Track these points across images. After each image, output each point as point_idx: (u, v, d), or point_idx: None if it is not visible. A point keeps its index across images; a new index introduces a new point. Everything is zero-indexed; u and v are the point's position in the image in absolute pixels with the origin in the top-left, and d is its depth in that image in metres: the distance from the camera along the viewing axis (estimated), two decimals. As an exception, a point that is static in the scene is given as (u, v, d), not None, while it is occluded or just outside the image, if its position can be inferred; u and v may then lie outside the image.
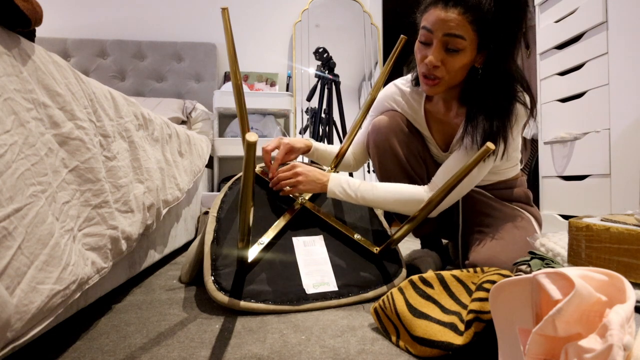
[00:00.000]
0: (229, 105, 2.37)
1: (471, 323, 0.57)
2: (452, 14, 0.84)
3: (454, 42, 0.86)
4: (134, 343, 0.66)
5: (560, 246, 0.90)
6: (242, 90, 0.84)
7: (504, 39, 0.86)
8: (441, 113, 1.04)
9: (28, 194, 0.48)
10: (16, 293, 0.44)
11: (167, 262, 1.36)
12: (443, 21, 0.85)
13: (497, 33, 0.85)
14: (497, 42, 0.86)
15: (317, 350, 0.63)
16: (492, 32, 0.85)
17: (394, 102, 1.10)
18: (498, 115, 0.91)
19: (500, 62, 0.89)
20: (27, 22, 0.55)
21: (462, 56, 0.87)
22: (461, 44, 0.86)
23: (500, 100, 0.91)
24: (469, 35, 0.85)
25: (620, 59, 1.52)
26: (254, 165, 0.60)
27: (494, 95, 0.91)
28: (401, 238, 0.95)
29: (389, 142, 1.06)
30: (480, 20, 0.83)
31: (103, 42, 2.56)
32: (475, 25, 0.84)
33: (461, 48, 0.86)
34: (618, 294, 0.39)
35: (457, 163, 0.95)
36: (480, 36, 0.85)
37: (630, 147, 1.48)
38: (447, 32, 0.85)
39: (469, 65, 0.90)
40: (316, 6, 2.78)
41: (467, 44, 0.85)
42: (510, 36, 0.87)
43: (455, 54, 0.87)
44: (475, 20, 0.83)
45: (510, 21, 0.85)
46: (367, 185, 0.98)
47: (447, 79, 0.91)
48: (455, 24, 0.84)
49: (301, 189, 0.97)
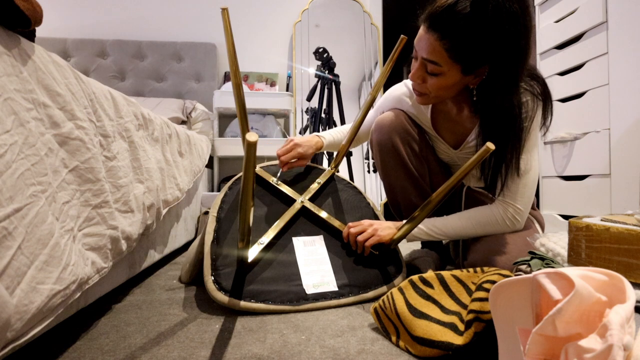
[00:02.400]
0: (229, 105, 2.37)
1: (471, 323, 0.57)
2: (430, 38, 0.82)
3: (430, 66, 0.85)
4: (134, 343, 0.66)
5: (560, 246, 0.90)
6: (242, 90, 0.84)
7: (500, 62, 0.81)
8: (453, 113, 1.03)
9: (28, 194, 0.48)
10: (16, 293, 0.44)
11: (167, 262, 1.36)
12: (422, 44, 0.84)
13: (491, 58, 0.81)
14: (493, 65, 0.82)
15: (317, 350, 0.63)
16: (482, 57, 0.81)
17: (398, 104, 1.10)
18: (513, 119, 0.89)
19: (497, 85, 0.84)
20: (27, 22, 0.55)
21: (440, 79, 0.86)
22: (437, 69, 0.84)
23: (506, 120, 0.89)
24: (445, 62, 0.82)
25: (620, 59, 1.52)
26: (254, 165, 0.60)
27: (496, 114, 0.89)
28: (401, 238, 0.95)
29: (391, 141, 1.06)
30: (457, 48, 0.80)
31: (103, 42, 2.56)
32: (452, 52, 0.80)
33: (438, 72, 0.85)
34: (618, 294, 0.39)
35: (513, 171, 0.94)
36: (462, 62, 0.82)
37: (630, 147, 1.48)
38: (423, 56, 0.85)
39: (456, 85, 0.87)
40: (316, 6, 2.78)
41: (445, 69, 0.83)
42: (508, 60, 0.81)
43: (434, 76, 0.86)
44: (451, 48, 0.80)
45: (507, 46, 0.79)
46: (440, 220, 0.99)
47: (433, 95, 0.91)
48: (430, 50, 0.82)
49: (380, 234, 0.97)
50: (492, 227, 0.97)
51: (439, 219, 0.99)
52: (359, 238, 0.97)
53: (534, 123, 0.92)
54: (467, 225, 0.97)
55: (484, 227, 0.97)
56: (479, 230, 0.97)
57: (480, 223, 0.97)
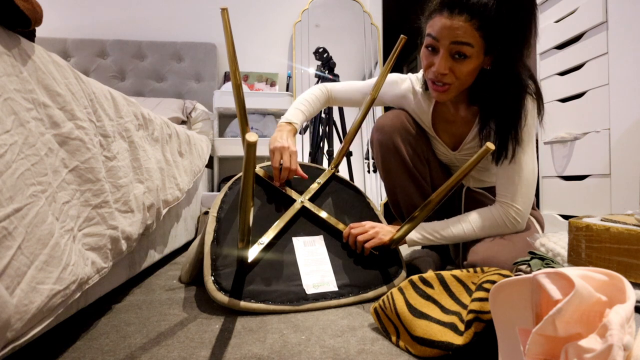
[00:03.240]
0: (229, 105, 2.37)
1: (471, 323, 0.57)
2: (458, 22, 0.82)
3: (462, 49, 0.85)
4: (134, 343, 0.66)
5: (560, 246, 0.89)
6: (242, 90, 0.84)
7: (512, 41, 0.85)
8: (450, 113, 1.04)
9: (28, 194, 0.48)
10: (16, 293, 0.44)
11: (167, 262, 1.36)
12: (449, 29, 0.84)
13: (505, 36, 0.83)
14: (505, 44, 0.85)
15: (317, 350, 0.63)
16: (499, 35, 0.83)
17: (404, 100, 1.10)
18: (512, 116, 0.91)
19: (509, 64, 0.88)
20: (27, 22, 0.55)
21: (469, 62, 0.86)
22: (469, 51, 0.85)
23: (509, 102, 0.90)
24: (476, 42, 0.84)
25: (620, 59, 1.52)
26: (254, 165, 0.60)
27: (504, 96, 0.90)
28: (401, 238, 0.95)
29: (392, 141, 1.06)
30: (486, 26, 0.82)
31: (103, 42, 2.56)
32: (481, 31, 0.83)
33: (469, 55, 0.85)
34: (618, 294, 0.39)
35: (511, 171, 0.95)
36: (487, 41, 0.84)
37: (631, 147, 1.48)
38: (454, 40, 0.84)
39: (477, 68, 0.89)
40: (316, 6, 2.78)
41: (475, 50, 0.85)
42: (518, 38, 0.85)
43: (462, 60, 0.86)
44: (481, 27, 0.82)
45: (517, 24, 0.83)
46: (440, 224, 0.99)
47: (457, 85, 0.90)
48: (462, 32, 0.83)
49: (382, 237, 0.97)
50: (494, 229, 0.97)
51: (439, 223, 0.99)
52: (359, 239, 0.97)
53: (529, 120, 0.93)
54: (468, 228, 0.97)
55: (485, 229, 0.97)
56: (480, 233, 0.97)
57: (481, 226, 0.97)
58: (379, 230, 0.98)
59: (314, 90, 1.17)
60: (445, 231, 0.98)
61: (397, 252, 1.04)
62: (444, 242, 1.00)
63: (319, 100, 1.17)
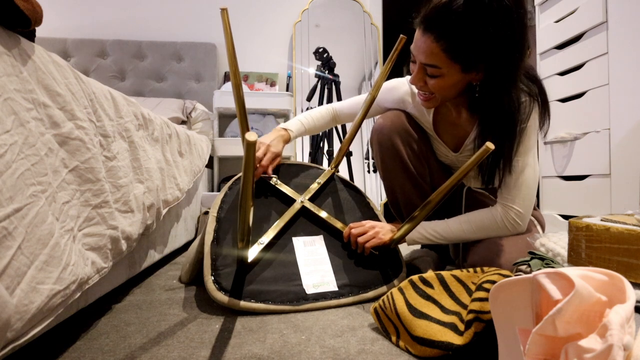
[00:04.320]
0: (229, 105, 2.37)
1: (471, 323, 0.57)
2: (427, 41, 0.81)
3: (430, 69, 0.85)
4: (134, 343, 0.66)
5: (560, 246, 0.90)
6: (241, 91, 0.84)
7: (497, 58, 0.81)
8: (452, 116, 1.03)
9: (28, 194, 0.48)
10: (16, 293, 0.44)
11: (167, 262, 1.36)
12: (419, 47, 0.84)
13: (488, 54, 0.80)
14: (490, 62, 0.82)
15: (317, 350, 0.63)
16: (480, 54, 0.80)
17: (401, 104, 1.10)
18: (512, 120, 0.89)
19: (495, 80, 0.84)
20: (27, 22, 0.55)
21: (442, 79, 0.85)
22: (437, 71, 0.84)
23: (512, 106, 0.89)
24: (443, 63, 0.82)
25: (620, 59, 1.52)
26: (254, 165, 0.60)
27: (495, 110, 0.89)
28: (401, 238, 0.95)
29: (391, 142, 1.06)
30: (455, 47, 0.80)
31: (103, 42, 2.56)
32: (449, 52, 0.80)
33: (438, 75, 0.85)
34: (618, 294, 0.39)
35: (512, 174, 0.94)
36: (460, 60, 0.82)
37: (631, 147, 1.48)
38: (421, 60, 0.85)
39: (458, 84, 0.87)
40: (316, 6, 2.78)
41: (444, 70, 0.83)
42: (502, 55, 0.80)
43: (434, 78, 0.86)
44: (448, 48, 0.80)
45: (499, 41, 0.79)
46: (441, 223, 0.99)
47: (440, 96, 0.90)
48: (428, 53, 0.82)
49: (382, 237, 0.97)
50: (493, 231, 0.97)
51: (439, 223, 0.99)
52: (359, 239, 0.97)
53: (530, 122, 0.92)
54: (468, 229, 0.97)
55: (485, 230, 0.97)
56: (479, 234, 0.97)
57: (481, 227, 0.97)
58: (379, 230, 0.98)
59: (320, 109, 1.21)
60: (445, 231, 0.98)
61: (397, 252, 1.04)
62: (443, 242, 1.00)
63: (323, 117, 1.19)
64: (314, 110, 1.20)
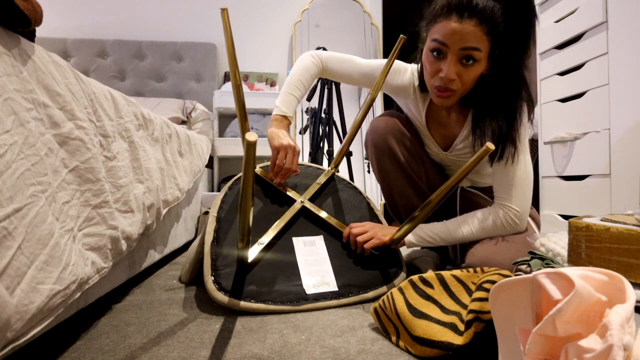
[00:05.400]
0: (229, 105, 2.37)
1: (471, 323, 0.57)
2: (468, 26, 0.82)
3: (472, 54, 0.85)
4: (134, 343, 0.66)
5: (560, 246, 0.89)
6: (241, 91, 0.84)
7: (516, 46, 0.86)
8: (442, 116, 1.04)
9: (28, 194, 0.48)
10: (16, 293, 0.44)
11: (167, 262, 1.36)
12: (460, 34, 0.83)
13: (510, 41, 0.85)
14: (510, 49, 0.86)
15: (317, 350, 0.63)
16: (505, 40, 0.84)
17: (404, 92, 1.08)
18: (507, 118, 0.91)
19: (512, 68, 0.88)
20: (27, 22, 0.55)
21: (477, 67, 0.87)
22: (478, 55, 0.85)
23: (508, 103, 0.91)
24: (485, 46, 0.84)
25: (620, 59, 1.52)
26: (254, 165, 0.60)
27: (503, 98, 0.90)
28: (401, 238, 0.95)
29: (386, 142, 1.06)
30: (494, 31, 0.83)
31: (103, 42, 2.56)
32: (490, 35, 0.83)
33: (477, 59, 0.86)
34: (618, 294, 0.39)
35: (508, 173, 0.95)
36: (493, 46, 0.85)
37: (631, 147, 1.48)
38: (464, 46, 0.84)
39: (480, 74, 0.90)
40: (316, 6, 2.78)
41: (483, 54, 0.85)
42: (521, 44, 0.86)
43: (471, 65, 0.86)
44: (490, 31, 0.83)
45: (520, 30, 0.84)
46: (439, 225, 0.99)
47: (461, 91, 0.91)
48: (473, 37, 0.83)
49: (382, 237, 0.97)
50: (493, 231, 0.97)
51: (437, 225, 0.99)
52: (359, 239, 0.97)
53: (523, 120, 0.94)
54: (467, 230, 0.97)
55: (484, 231, 0.97)
56: (479, 235, 0.97)
57: (480, 228, 0.97)
58: (378, 231, 0.98)
59: (307, 63, 1.09)
60: (444, 233, 0.98)
61: (397, 252, 1.04)
62: (442, 244, 1.00)
63: (312, 76, 1.10)
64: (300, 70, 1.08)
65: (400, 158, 1.07)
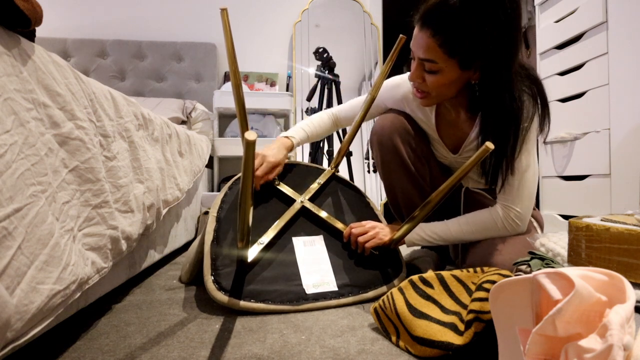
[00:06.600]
0: (229, 105, 2.37)
1: (471, 323, 0.57)
2: (424, 36, 0.82)
3: (428, 64, 0.85)
4: (134, 343, 0.66)
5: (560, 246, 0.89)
6: (241, 91, 0.84)
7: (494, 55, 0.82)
8: (451, 117, 1.03)
9: (28, 194, 0.48)
10: (16, 293, 0.44)
11: (167, 262, 1.36)
12: (417, 43, 0.85)
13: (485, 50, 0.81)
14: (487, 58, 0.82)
15: (317, 350, 0.63)
16: (477, 50, 0.81)
17: (405, 101, 1.08)
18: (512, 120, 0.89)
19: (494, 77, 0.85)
20: (27, 22, 0.55)
21: (440, 76, 0.85)
22: (435, 67, 0.84)
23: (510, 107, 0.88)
24: (440, 58, 0.83)
25: (620, 59, 1.52)
26: (254, 164, 0.60)
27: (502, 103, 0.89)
28: (401, 238, 0.95)
29: (392, 142, 1.06)
30: (452, 42, 0.80)
31: (103, 42, 2.56)
32: (446, 47, 0.81)
33: (436, 70, 0.85)
34: (618, 294, 0.39)
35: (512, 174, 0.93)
36: (458, 56, 0.82)
37: (631, 147, 1.48)
38: (419, 56, 0.85)
39: (456, 82, 0.87)
40: (316, 6, 2.78)
41: (442, 65, 0.84)
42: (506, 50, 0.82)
43: (432, 74, 0.86)
44: (445, 43, 0.80)
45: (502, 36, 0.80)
46: (440, 225, 0.99)
47: (434, 95, 0.91)
48: (425, 48, 0.83)
49: (382, 237, 0.97)
50: (493, 232, 0.96)
51: (438, 225, 0.99)
52: (359, 239, 0.97)
53: (532, 123, 0.92)
54: (468, 230, 0.97)
55: (485, 231, 0.97)
56: (479, 235, 0.97)
57: (480, 228, 0.96)
58: (379, 230, 0.98)
59: (321, 114, 1.20)
60: (444, 233, 0.98)
61: (397, 252, 1.04)
62: (443, 244, 0.99)
63: (325, 123, 1.19)
64: (315, 116, 1.19)
65: (404, 157, 1.06)
